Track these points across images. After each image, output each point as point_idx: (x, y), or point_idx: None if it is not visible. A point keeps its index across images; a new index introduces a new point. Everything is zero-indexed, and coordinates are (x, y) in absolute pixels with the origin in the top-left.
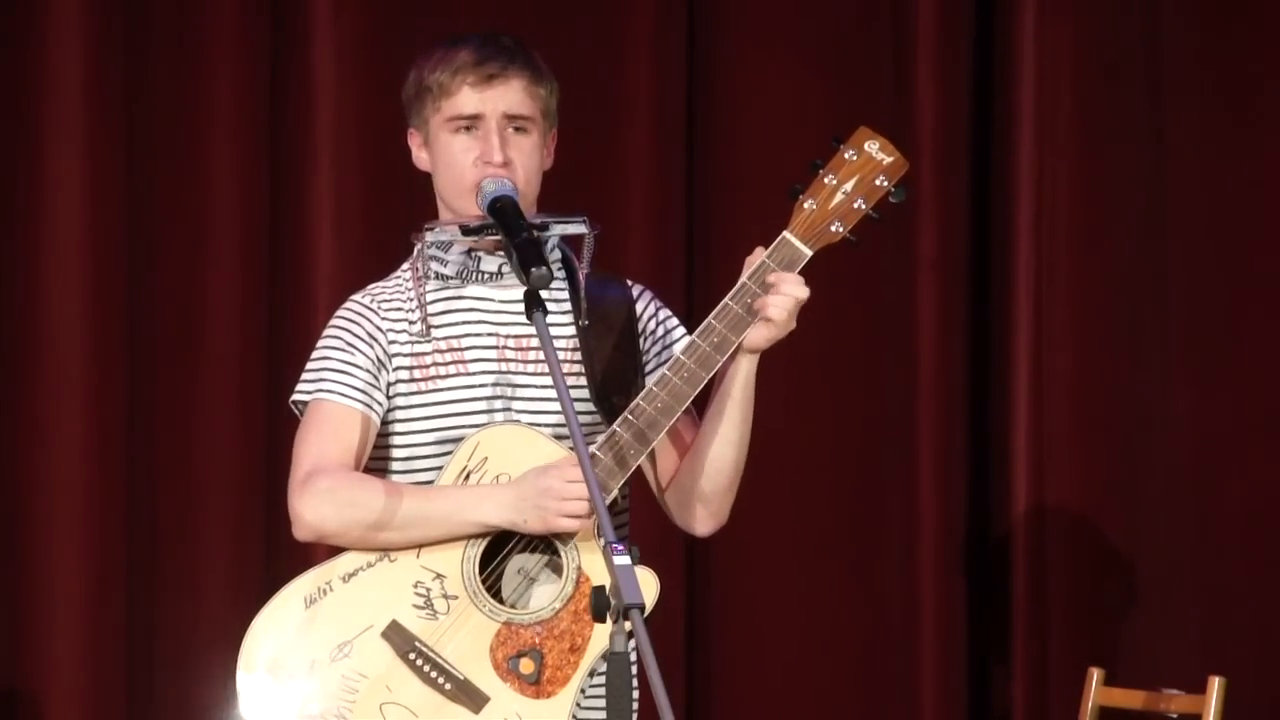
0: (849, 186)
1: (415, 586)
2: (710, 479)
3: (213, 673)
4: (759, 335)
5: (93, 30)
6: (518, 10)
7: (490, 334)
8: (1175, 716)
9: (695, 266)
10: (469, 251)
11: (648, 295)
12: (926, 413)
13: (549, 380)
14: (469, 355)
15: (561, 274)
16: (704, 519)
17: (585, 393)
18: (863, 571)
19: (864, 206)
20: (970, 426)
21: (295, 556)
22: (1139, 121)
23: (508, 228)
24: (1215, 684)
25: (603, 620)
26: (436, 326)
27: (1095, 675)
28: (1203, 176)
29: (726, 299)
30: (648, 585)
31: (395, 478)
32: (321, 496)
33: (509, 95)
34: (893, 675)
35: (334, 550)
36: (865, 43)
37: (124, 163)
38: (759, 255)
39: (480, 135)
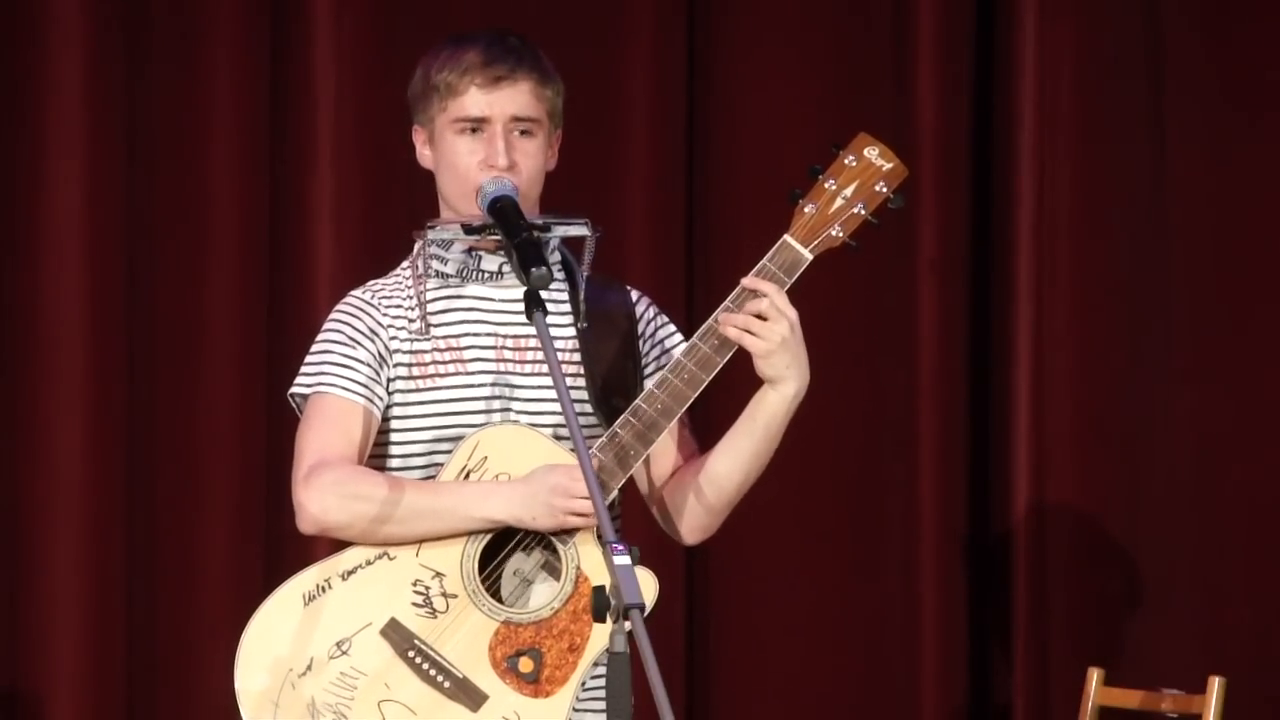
0: (849, 192)
1: (414, 585)
2: (710, 495)
3: (213, 672)
4: (758, 365)
5: (93, 30)
6: (518, 10)
7: (489, 334)
8: (1175, 716)
9: (695, 267)
10: (470, 251)
11: (645, 300)
12: (926, 413)
13: (547, 381)
14: (468, 355)
15: (561, 276)
16: (692, 530)
17: (584, 394)
18: (863, 571)
19: (864, 212)
20: (970, 426)
21: (296, 556)
22: (1139, 121)
23: (508, 228)
24: (1215, 684)
25: (603, 620)
26: (435, 325)
27: (1095, 675)
28: (1204, 176)
29: (727, 301)
30: (647, 586)
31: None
32: (326, 489)
33: (516, 98)
34: (893, 675)
35: (335, 547)
36: (865, 43)
37: (124, 163)
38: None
39: (485, 138)
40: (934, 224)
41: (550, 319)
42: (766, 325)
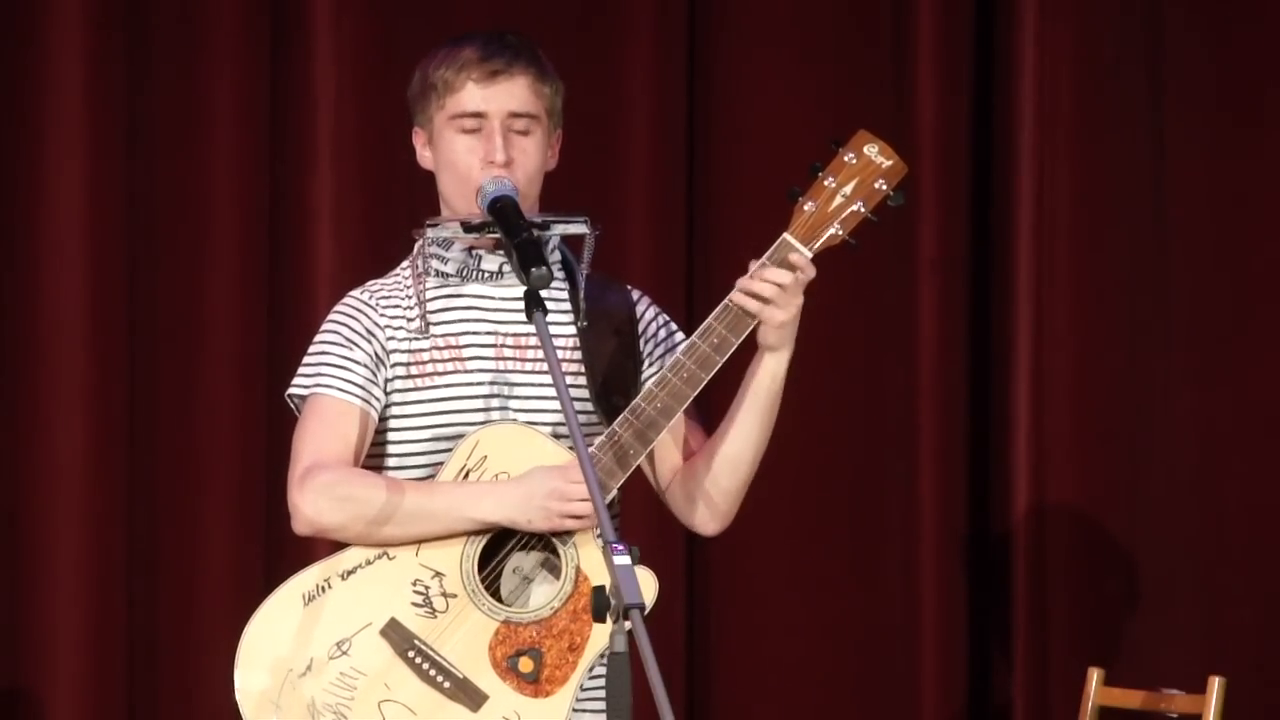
0: (848, 189)
1: (414, 584)
2: (722, 476)
3: (213, 672)
4: (763, 335)
5: (94, 31)
6: (518, 11)
7: (489, 332)
8: (1175, 716)
9: (695, 266)
10: (470, 250)
11: (647, 299)
12: (926, 413)
13: (547, 380)
14: (467, 353)
15: (561, 275)
16: (708, 518)
17: (585, 393)
18: (863, 571)
19: (863, 210)
20: (970, 426)
21: (295, 556)
22: (1139, 121)
23: (508, 228)
24: (1215, 684)
25: (603, 620)
26: (435, 324)
27: (1095, 675)
28: (1203, 176)
29: (727, 300)
30: (647, 585)
31: (389, 474)
32: (321, 490)
33: (514, 92)
34: (893, 675)
35: (334, 547)
36: (865, 43)
37: (125, 163)
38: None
39: (484, 135)
40: (934, 224)
41: (550, 318)
42: (788, 296)
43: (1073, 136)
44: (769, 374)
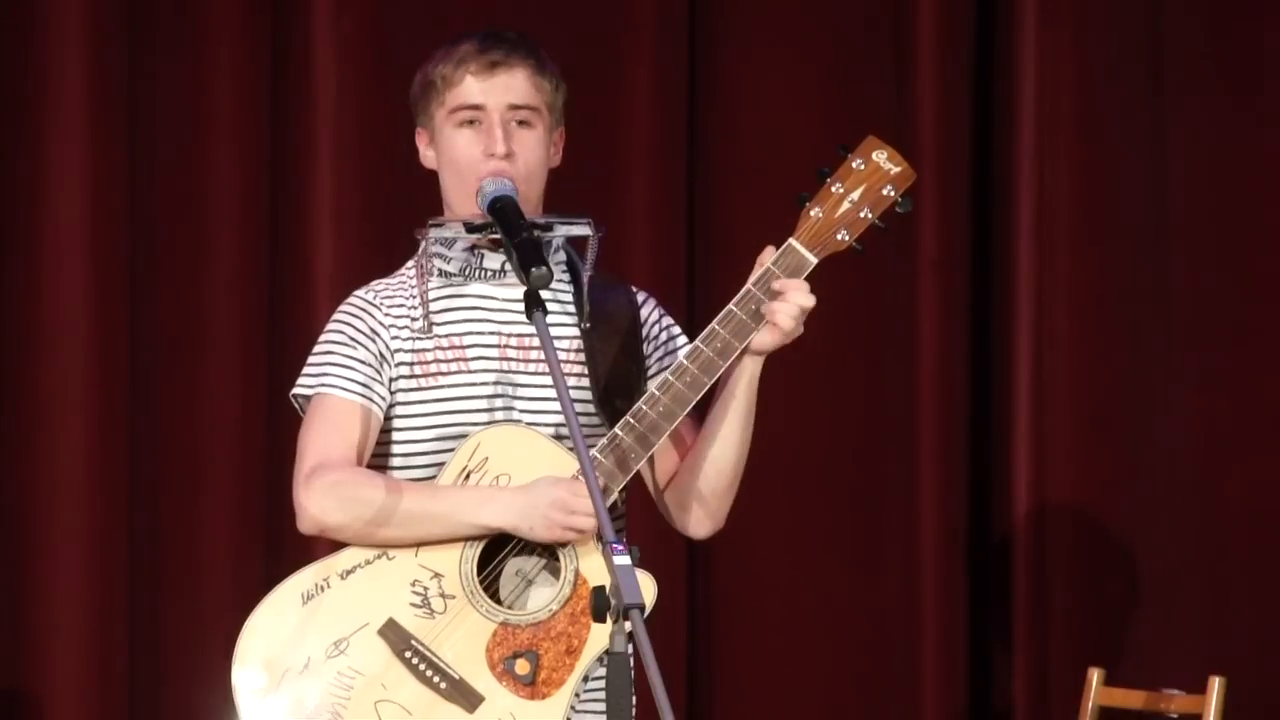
0: (856, 195)
1: (413, 585)
2: (709, 480)
3: (214, 672)
4: (765, 339)
5: (95, 29)
6: (518, 11)
7: (493, 332)
8: (1175, 716)
9: (696, 268)
10: (473, 249)
11: (651, 301)
12: (926, 413)
13: (550, 380)
14: (470, 353)
15: (565, 276)
16: (700, 520)
17: (587, 395)
18: (863, 572)
19: (870, 216)
20: (970, 426)
21: (296, 556)
22: (1139, 122)
23: (508, 227)
24: (1215, 684)
25: (602, 620)
26: (439, 324)
27: (1095, 675)
28: (1204, 176)
29: (731, 304)
30: (646, 588)
31: (393, 474)
32: (326, 490)
33: (513, 84)
34: (893, 675)
35: (334, 547)
36: (866, 43)
37: (125, 162)
38: (767, 256)
39: (484, 128)
40: (934, 224)
41: (554, 319)
42: (802, 315)
43: (1073, 136)
44: (748, 376)
